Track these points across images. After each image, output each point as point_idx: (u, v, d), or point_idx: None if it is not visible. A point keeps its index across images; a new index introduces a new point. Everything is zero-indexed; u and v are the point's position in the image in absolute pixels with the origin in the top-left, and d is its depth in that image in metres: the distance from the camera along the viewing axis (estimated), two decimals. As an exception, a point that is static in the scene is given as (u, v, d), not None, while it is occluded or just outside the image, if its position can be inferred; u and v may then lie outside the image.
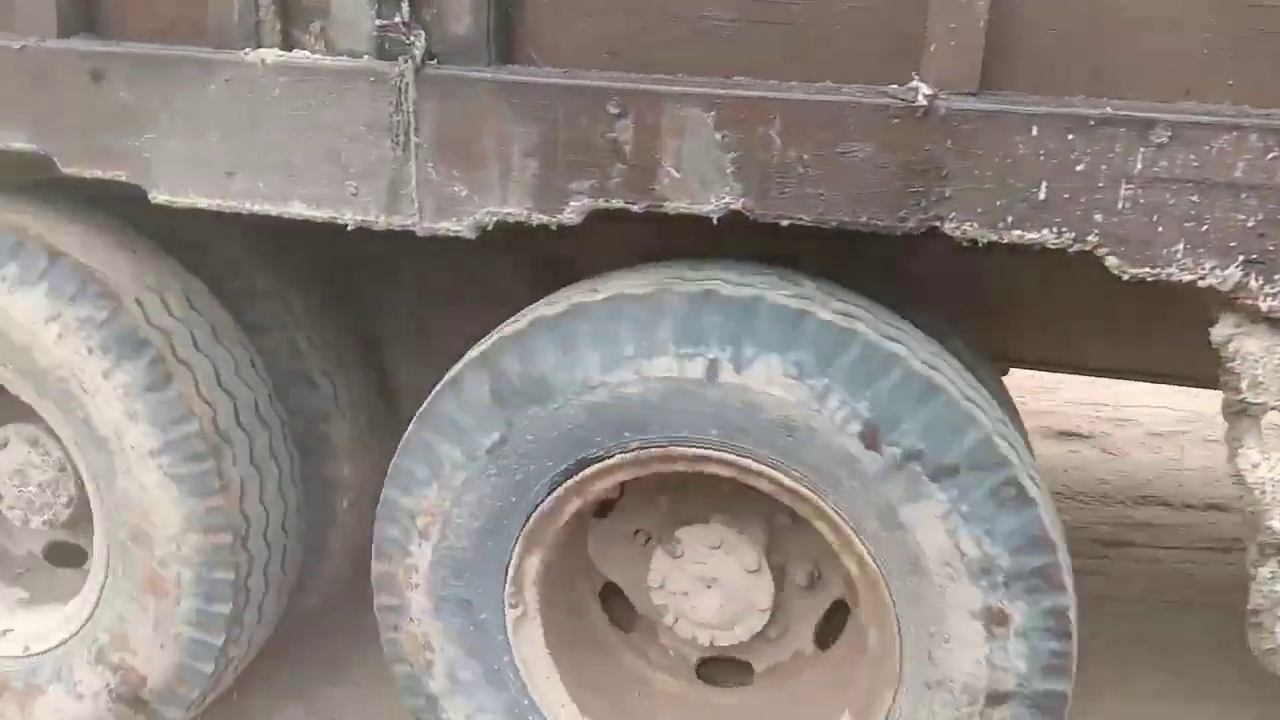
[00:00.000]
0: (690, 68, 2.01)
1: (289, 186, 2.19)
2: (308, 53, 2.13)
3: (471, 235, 2.14)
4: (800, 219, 1.97)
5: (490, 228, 2.13)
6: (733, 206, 1.99)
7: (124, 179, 2.28)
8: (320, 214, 2.20)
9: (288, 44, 2.16)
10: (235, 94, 2.16)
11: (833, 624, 2.52)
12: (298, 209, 2.21)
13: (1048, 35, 1.86)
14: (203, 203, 2.26)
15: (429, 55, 2.06)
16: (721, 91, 1.94)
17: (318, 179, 2.17)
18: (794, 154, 1.93)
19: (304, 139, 2.15)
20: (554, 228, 2.09)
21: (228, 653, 2.57)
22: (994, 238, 1.90)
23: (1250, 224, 1.80)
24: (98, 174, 2.30)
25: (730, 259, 2.20)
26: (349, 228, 2.19)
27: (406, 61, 2.04)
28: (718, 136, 1.95)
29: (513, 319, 2.22)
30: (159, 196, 2.28)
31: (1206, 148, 1.79)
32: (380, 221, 2.17)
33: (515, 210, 2.10)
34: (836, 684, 2.43)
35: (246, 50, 2.14)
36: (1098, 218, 1.85)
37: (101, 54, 2.23)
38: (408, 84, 2.05)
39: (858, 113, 1.89)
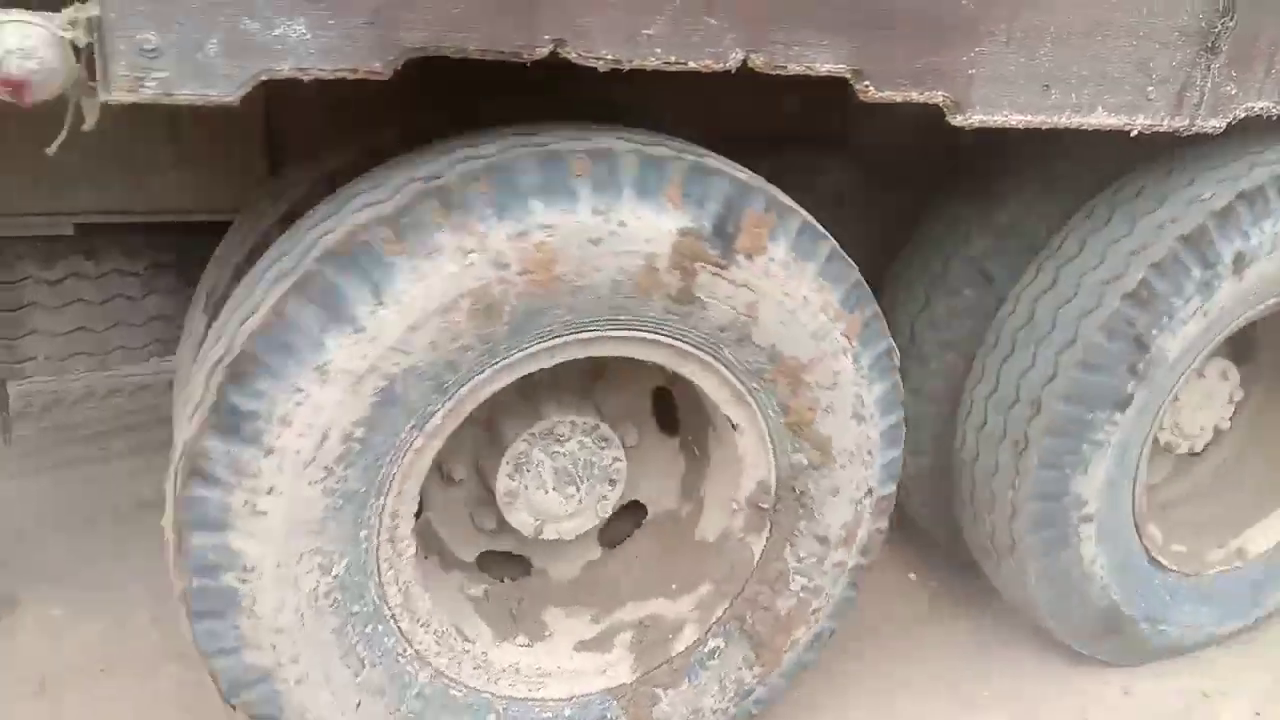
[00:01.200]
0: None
1: (1097, 96, 2.17)
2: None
3: (1218, 131, 2.35)
4: None
5: (1234, 122, 2.36)
6: None
7: (938, 101, 2.03)
8: (1115, 121, 2.22)
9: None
10: (1076, 1, 2.06)
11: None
12: (1099, 118, 2.20)
13: None
14: (1014, 119, 2.12)
15: (1236, -38, 2.20)
16: None
17: (1122, 87, 2.19)
18: None
19: (1121, 48, 2.15)
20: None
21: None
22: None
23: None
24: (910, 97, 2.01)
25: None
26: (1132, 133, 2.25)
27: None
28: None
29: None
30: (972, 117, 2.08)
31: None
32: (1163, 124, 2.27)
33: (1267, 104, 2.37)
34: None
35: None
36: None
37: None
38: (1237, -8, 2.18)
39: None
